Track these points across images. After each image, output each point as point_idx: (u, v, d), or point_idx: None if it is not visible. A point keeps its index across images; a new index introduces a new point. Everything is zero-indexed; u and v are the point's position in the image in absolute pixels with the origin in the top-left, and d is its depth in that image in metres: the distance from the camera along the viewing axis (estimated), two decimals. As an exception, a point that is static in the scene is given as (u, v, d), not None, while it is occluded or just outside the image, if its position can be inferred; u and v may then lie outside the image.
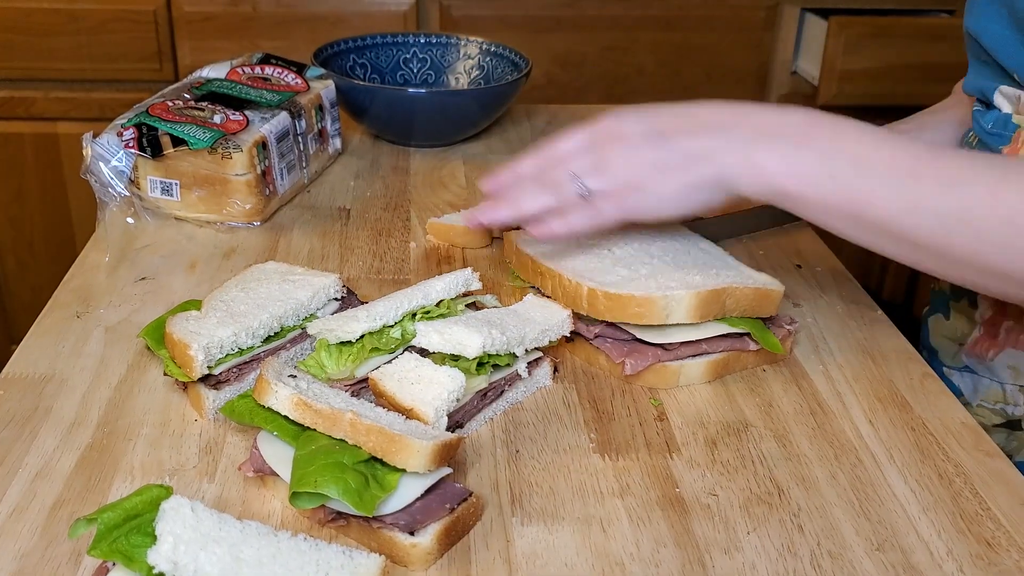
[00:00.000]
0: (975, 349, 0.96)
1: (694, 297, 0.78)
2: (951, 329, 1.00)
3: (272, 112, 1.07)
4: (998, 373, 0.94)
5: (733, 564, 0.64)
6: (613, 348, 0.82)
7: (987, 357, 0.94)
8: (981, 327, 0.95)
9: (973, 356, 0.96)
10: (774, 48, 2.10)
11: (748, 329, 0.82)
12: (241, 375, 0.77)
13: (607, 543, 0.65)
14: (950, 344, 1.00)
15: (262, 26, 1.96)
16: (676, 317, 0.79)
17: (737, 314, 0.82)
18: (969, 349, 0.97)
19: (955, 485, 0.71)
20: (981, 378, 0.96)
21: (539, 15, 2.01)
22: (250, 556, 0.55)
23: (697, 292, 0.79)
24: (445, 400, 0.69)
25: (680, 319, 0.79)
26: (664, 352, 0.81)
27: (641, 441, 0.75)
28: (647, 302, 0.78)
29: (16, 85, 1.97)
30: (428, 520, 0.62)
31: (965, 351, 0.97)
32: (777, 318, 0.85)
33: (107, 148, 1.00)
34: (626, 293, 0.79)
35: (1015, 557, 0.65)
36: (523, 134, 1.35)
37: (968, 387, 0.97)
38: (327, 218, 1.08)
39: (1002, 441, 0.94)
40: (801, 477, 0.72)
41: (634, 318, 0.79)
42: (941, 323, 1.01)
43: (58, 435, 0.73)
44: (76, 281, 0.93)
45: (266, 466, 0.67)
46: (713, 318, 0.81)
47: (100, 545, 0.55)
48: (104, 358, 0.82)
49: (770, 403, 0.80)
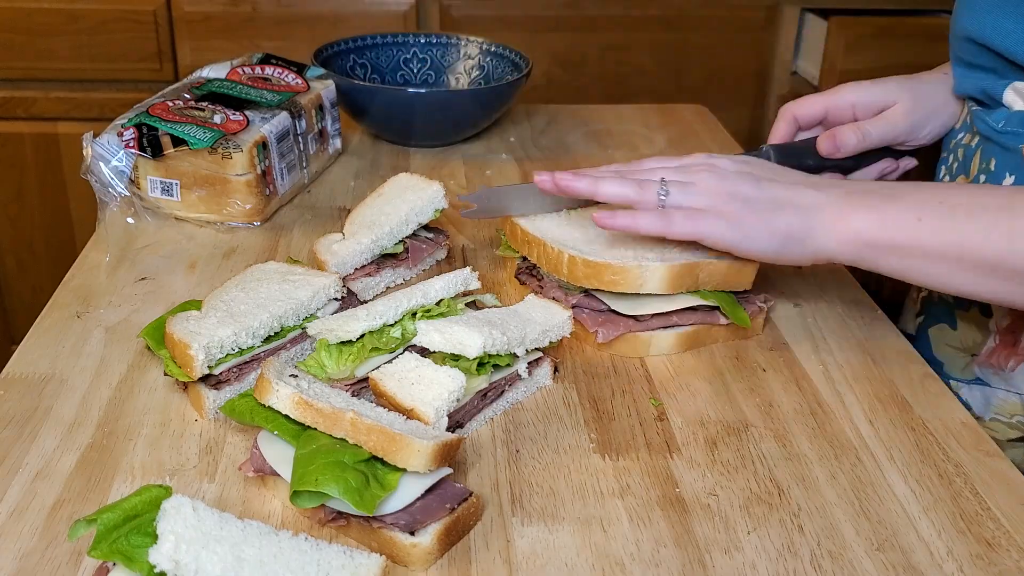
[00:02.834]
0: (991, 359, 0.93)
1: (668, 269, 0.82)
2: (959, 339, 0.96)
3: (272, 112, 1.07)
4: (1018, 384, 0.91)
5: (733, 564, 0.64)
6: (588, 318, 0.85)
7: (1006, 367, 0.91)
8: (997, 336, 0.92)
9: (988, 367, 0.93)
10: (774, 48, 2.10)
11: (719, 303, 0.85)
12: (241, 375, 0.77)
13: (607, 543, 0.65)
14: (959, 355, 0.96)
15: (262, 26, 1.96)
16: (650, 287, 0.83)
17: (711, 287, 0.85)
18: (984, 360, 0.93)
19: (955, 485, 0.71)
20: (995, 390, 0.93)
21: (539, 15, 2.01)
22: (251, 555, 0.55)
23: (671, 265, 0.82)
24: (445, 400, 0.69)
25: (654, 289, 0.83)
26: (636, 323, 0.85)
27: (641, 441, 0.75)
28: (623, 270, 0.82)
29: (16, 85, 1.97)
30: (428, 520, 0.62)
31: (978, 362, 0.94)
32: (751, 296, 0.88)
33: (107, 148, 1.00)
34: (603, 261, 0.82)
35: (1015, 557, 0.65)
36: (523, 134, 1.35)
37: (979, 401, 0.94)
38: (327, 218, 1.08)
39: (1019, 458, 0.91)
40: (801, 477, 0.72)
41: (610, 285, 0.83)
42: (946, 333, 0.98)
43: (58, 435, 0.73)
44: (76, 281, 0.94)
45: (266, 466, 0.67)
46: (686, 290, 0.84)
47: (100, 546, 0.55)
48: (104, 358, 0.82)
49: (770, 403, 0.80)
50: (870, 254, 0.78)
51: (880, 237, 0.77)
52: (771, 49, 2.10)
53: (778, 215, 0.79)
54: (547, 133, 1.36)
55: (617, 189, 0.82)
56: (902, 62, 1.98)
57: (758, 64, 2.11)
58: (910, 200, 0.77)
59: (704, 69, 2.09)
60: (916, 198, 0.77)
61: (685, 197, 0.81)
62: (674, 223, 0.80)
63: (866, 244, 0.77)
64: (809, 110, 0.98)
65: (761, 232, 0.79)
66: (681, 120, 1.42)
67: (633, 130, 1.38)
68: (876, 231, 0.77)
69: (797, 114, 0.99)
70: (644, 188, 0.81)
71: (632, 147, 1.32)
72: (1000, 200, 0.74)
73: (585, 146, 1.32)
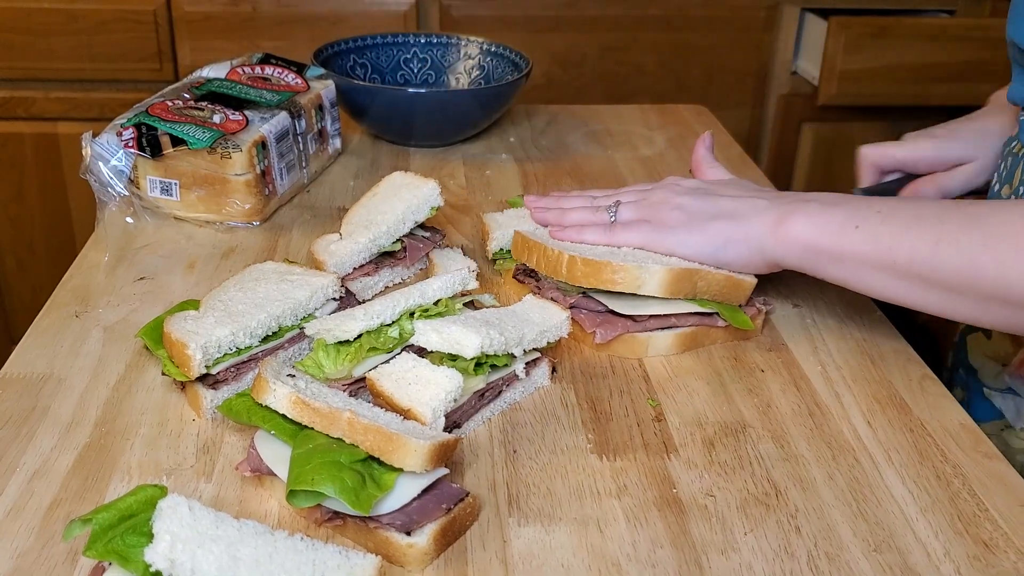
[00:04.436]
0: (1021, 370, 0.93)
1: (667, 272, 0.83)
2: (993, 348, 0.97)
3: (272, 112, 1.07)
4: None
5: (730, 565, 0.63)
6: (586, 319, 0.85)
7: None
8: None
9: (1018, 377, 0.93)
10: (774, 48, 2.10)
11: (717, 310, 0.86)
12: (239, 375, 0.77)
13: (604, 544, 0.65)
14: (992, 364, 0.97)
15: (262, 26, 1.96)
16: (648, 289, 0.83)
17: (708, 297, 0.86)
18: (1015, 369, 0.93)
19: (953, 486, 0.71)
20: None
21: (539, 15, 2.01)
22: (247, 555, 0.55)
23: (670, 268, 0.83)
24: (443, 401, 0.69)
25: (652, 291, 0.84)
26: (634, 323, 0.85)
27: (639, 441, 0.75)
28: (622, 269, 0.83)
29: (16, 85, 1.97)
30: (425, 520, 0.62)
31: (1009, 371, 0.94)
32: (751, 297, 0.88)
33: (106, 148, 1.00)
34: (603, 260, 0.84)
35: (1012, 559, 0.65)
36: (523, 134, 1.35)
37: (1011, 409, 0.94)
38: (327, 218, 1.08)
39: None
40: (799, 478, 0.72)
41: (608, 284, 0.83)
42: (982, 342, 0.99)
43: (56, 435, 0.73)
44: (75, 281, 0.94)
45: (263, 466, 0.67)
46: (684, 296, 0.85)
47: (96, 546, 0.55)
48: (102, 358, 0.82)
49: (768, 404, 0.80)
50: (811, 260, 0.81)
51: (818, 242, 0.79)
52: (771, 49, 2.10)
53: (713, 221, 0.84)
54: (547, 133, 1.36)
55: (576, 215, 0.91)
56: (902, 62, 1.99)
57: (758, 64, 2.11)
58: (850, 208, 0.79)
59: (704, 69, 2.09)
60: (856, 207, 0.79)
61: (632, 212, 0.89)
62: (615, 233, 0.87)
63: (805, 249, 0.80)
64: (886, 157, 1.00)
65: (695, 236, 0.84)
66: (681, 120, 1.42)
67: (633, 130, 1.38)
68: (815, 237, 0.79)
69: (876, 162, 1.00)
70: (599, 211, 0.90)
71: (632, 147, 1.32)
72: (935, 211, 0.75)
73: (585, 146, 1.32)
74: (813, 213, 0.80)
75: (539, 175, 1.22)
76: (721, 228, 0.84)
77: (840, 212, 0.79)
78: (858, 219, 0.77)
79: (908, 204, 0.79)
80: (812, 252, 0.80)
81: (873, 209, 0.78)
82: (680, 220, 0.85)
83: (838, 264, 0.79)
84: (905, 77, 1.98)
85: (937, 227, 0.74)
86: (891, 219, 0.76)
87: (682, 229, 0.85)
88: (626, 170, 1.24)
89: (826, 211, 0.79)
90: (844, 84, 1.98)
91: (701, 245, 0.84)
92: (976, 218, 0.73)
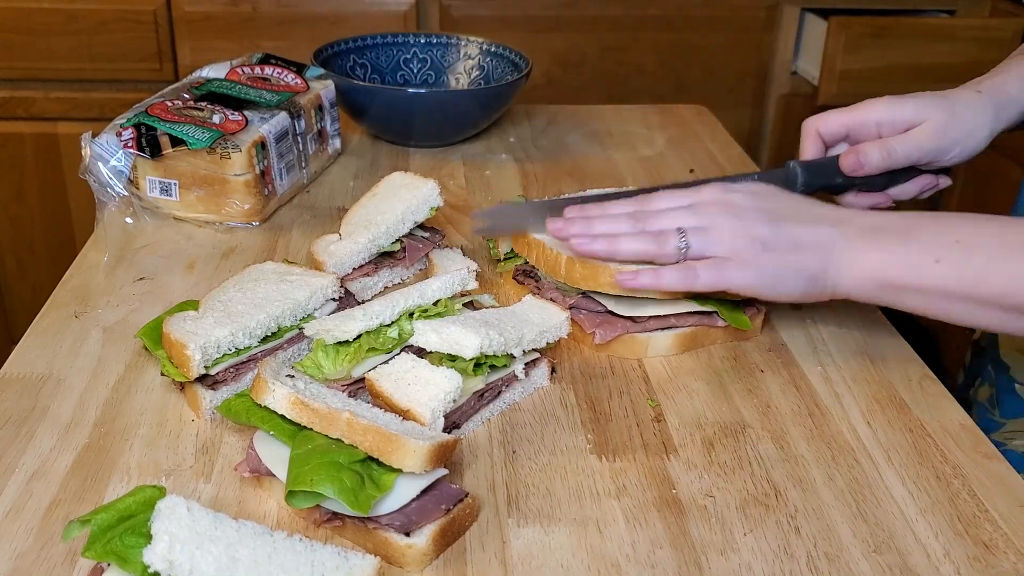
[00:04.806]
0: None
1: None
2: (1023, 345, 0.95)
3: (271, 112, 1.07)
4: None
5: (729, 565, 0.63)
6: (586, 319, 0.85)
7: None
8: None
9: None
10: (774, 48, 2.09)
11: (716, 308, 0.85)
12: (238, 375, 0.77)
13: (603, 544, 0.65)
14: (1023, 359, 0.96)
15: (262, 26, 1.96)
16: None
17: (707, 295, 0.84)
18: None
19: (953, 487, 0.71)
20: None
21: (539, 15, 2.01)
22: (246, 556, 0.55)
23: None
24: (442, 401, 0.69)
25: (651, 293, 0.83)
26: (633, 324, 0.85)
27: (638, 442, 0.75)
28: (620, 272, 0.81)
29: (16, 85, 1.97)
30: (424, 521, 0.62)
31: None
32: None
33: (106, 148, 1.00)
34: (601, 263, 0.82)
35: (1012, 559, 0.65)
36: (523, 134, 1.35)
37: None
38: (326, 218, 1.08)
39: None
40: (798, 478, 0.71)
41: (606, 287, 0.82)
42: (1014, 338, 0.97)
43: (55, 435, 0.73)
44: (74, 281, 0.93)
45: (262, 466, 0.67)
46: (683, 297, 0.84)
47: (94, 546, 0.55)
48: (102, 358, 0.82)
49: (768, 404, 0.80)
50: (889, 294, 0.77)
51: (898, 279, 0.76)
52: (771, 49, 2.10)
53: (798, 255, 0.78)
54: (547, 133, 1.36)
55: (635, 246, 0.81)
56: (902, 62, 1.99)
57: (758, 64, 2.11)
58: (926, 239, 0.75)
59: (704, 69, 2.09)
60: (932, 237, 0.75)
61: (706, 245, 0.79)
62: (699, 277, 0.79)
63: (882, 286, 0.77)
64: (830, 125, 0.95)
65: (786, 275, 0.78)
66: (681, 120, 1.42)
67: (633, 130, 1.37)
68: (893, 273, 0.76)
69: (820, 129, 0.95)
70: (663, 242, 0.80)
71: (632, 147, 1.31)
72: (1018, 236, 0.73)
73: (585, 146, 1.32)
74: (887, 247, 0.77)
75: (539, 175, 1.22)
76: (806, 262, 0.78)
77: (915, 245, 0.76)
78: (936, 251, 0.74)
79: (983, 225, 0.76)
80: (888, 288, 0.77)
81: (950, 237, 0.75)
82: (763, 257, 0.78)
83: (919, 296, 0.76)
84: (905, 77, 1.98)
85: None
86: (972, 249, 0.74)
87: (771, 268, 0.78)
88: (626, 170, 1.24)
89: (901, 245, 0.76)
90: (844, 84, 1.98)
91: (791, 284, 0.78)
92: None
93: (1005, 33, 1.95)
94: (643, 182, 1.20)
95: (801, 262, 0.78)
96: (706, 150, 1.32)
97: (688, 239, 0.79)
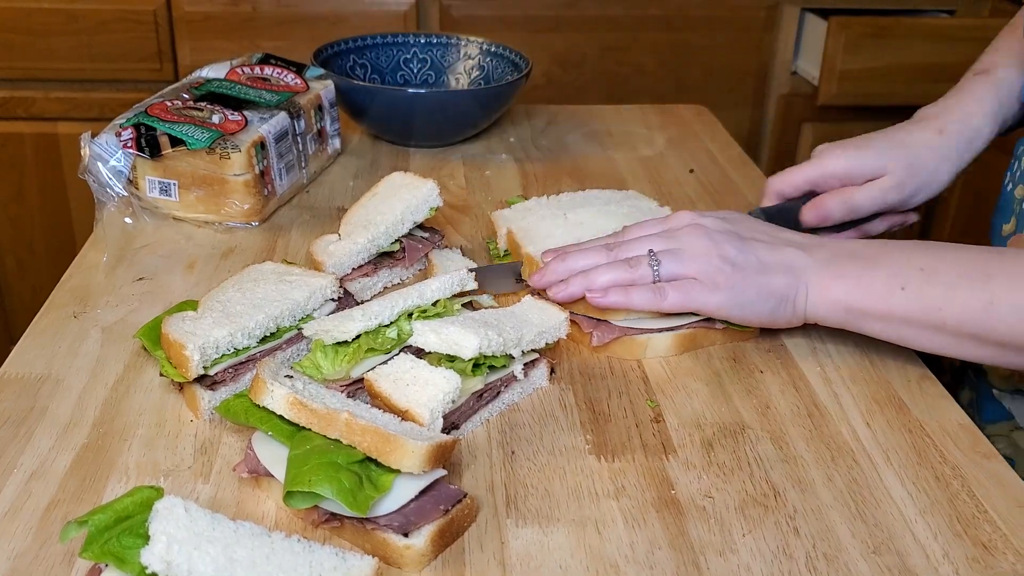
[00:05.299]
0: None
1: None
2: None
3: (271, 112, 1.07)
4: None
5: (728, 566, 0.63)
6: (585, 320, 0.85)
7: None
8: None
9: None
10: (774, 48, 2.09)
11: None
12: (237, 376, 0.76)
13: (602, 545, 0.65)
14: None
15: (262, 26, 1.96)
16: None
17: None
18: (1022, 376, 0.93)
19: (952, 487, 0.71)
20: None
21: (539, 15, 2.01)
22: (243, 556, 0.55)
23: None
24: (441, 402, 0.69)
25: None
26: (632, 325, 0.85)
27: (637, 443, 0.75)
28: None
29: (16, 85, 1.97)
30: (422, 521, 0.62)
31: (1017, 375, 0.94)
32: None
33: (105, 148, 1.00)
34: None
35: (1011, 560, 0.65)
36: (523, 134, 1.35)
37: (1021, 411, 0.94)
38: (326, 218, 1.08)
39: None
40: (797, 479, 0.71)
41: (582, 308, 0.83)
42: None
43: (54, 435, 0.73)
44: (74, 281, 0.93)
45: (261, 467, 0.67)
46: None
47: (92, 547, 0.55)
48: (101, 358, 0.82)
49: (767, 405, 0.80)
50: (854, 320, 0.80)
51: (862, 305, 0.78)
52: (771, 49, 2.09)
53: (767, 277, 0.80)
54: (547, 133, 1.35)
55: (610, 275, 0.82)
56: (902, 62, 1.99)
57: (758, 64, 2.11)
58: (892, 267, 0.78)
59: (704, 69, 2.09)
60: (898, 265, 0.77)
61: (676, 266, 0.82)
62: (667, 297, 0.81)
63: (848, 311, 0.79)
64: (793, 184, 0.97)
65: (754, 296, 0.80)
66: (681, 120, 1.42)
67: (633, 130, 1.37)
68: (858, 299, 0.78)
69: (781, 190, 0.97)
70: (635, 266, 0.82)
71: (632, 147, 1.31)
72: (981, 267, 0.75)
73: (585, 146, 1.32)
74: (854, 275, 0.79)
75: (539, 175, 1.22)
76: (775, 284, 0.80)
77: (882, 272, 0.78)
78: (902, 279, 0.76)
79: (948, 255, 0.77)
80: (855, 314, 0.79)
81: (914, 266, 0.77)
82: (732, 277, 0.80)
83: (883, 323, 0.78)
84: (905, 77, 1.98)
85: (985, 285, 0.73)
86: (935, 277, 0.75)
87: (739, 288, 0.80)
88: (626, 170, 1.24)
89: (868, 272, 0.78)
90: (844, 84, 1.98)
91: (759, 305, 0.80)
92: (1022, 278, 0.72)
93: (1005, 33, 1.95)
94: (643, 182, 1.20)
95: (770, 284, 0.80)
96: (706, 150, 1.32)
97: (660, 258, 0.82)
